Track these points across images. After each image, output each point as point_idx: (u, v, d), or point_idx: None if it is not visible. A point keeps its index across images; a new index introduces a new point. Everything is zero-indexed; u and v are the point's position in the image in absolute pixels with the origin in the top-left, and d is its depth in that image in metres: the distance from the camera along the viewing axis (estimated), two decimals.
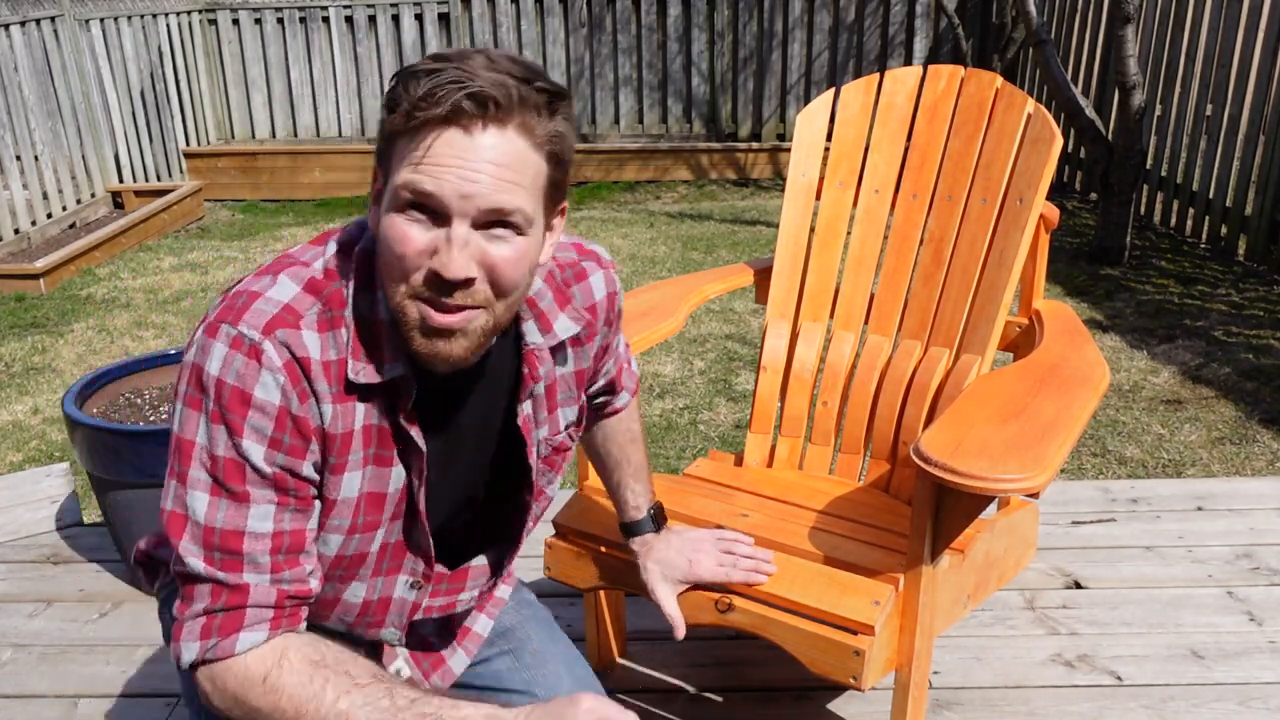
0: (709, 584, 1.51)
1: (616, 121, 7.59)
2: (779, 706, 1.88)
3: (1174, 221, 5.49)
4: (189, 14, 7.31)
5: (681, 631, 1.49)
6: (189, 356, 1.02)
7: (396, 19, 7.42)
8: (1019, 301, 1.98)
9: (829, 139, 2.06)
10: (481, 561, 1.27)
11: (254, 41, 7.51)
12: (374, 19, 7.41)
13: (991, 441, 1.38)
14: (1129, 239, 5.02)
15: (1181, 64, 5.33)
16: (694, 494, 1.79)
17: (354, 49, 7.49)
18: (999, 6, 6.90)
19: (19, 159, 5.73)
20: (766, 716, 1.86)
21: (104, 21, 6.42)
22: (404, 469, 1.10)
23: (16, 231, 5.60)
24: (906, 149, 1.99)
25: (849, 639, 1.42)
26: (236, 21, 7.47)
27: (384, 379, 1.04)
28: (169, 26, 7.07)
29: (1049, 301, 1.95)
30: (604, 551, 1.65)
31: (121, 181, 6.63)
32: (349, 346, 1.03)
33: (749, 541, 1.55)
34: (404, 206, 0.97)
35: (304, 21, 7.43)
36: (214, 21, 7.48)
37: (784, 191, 2.07)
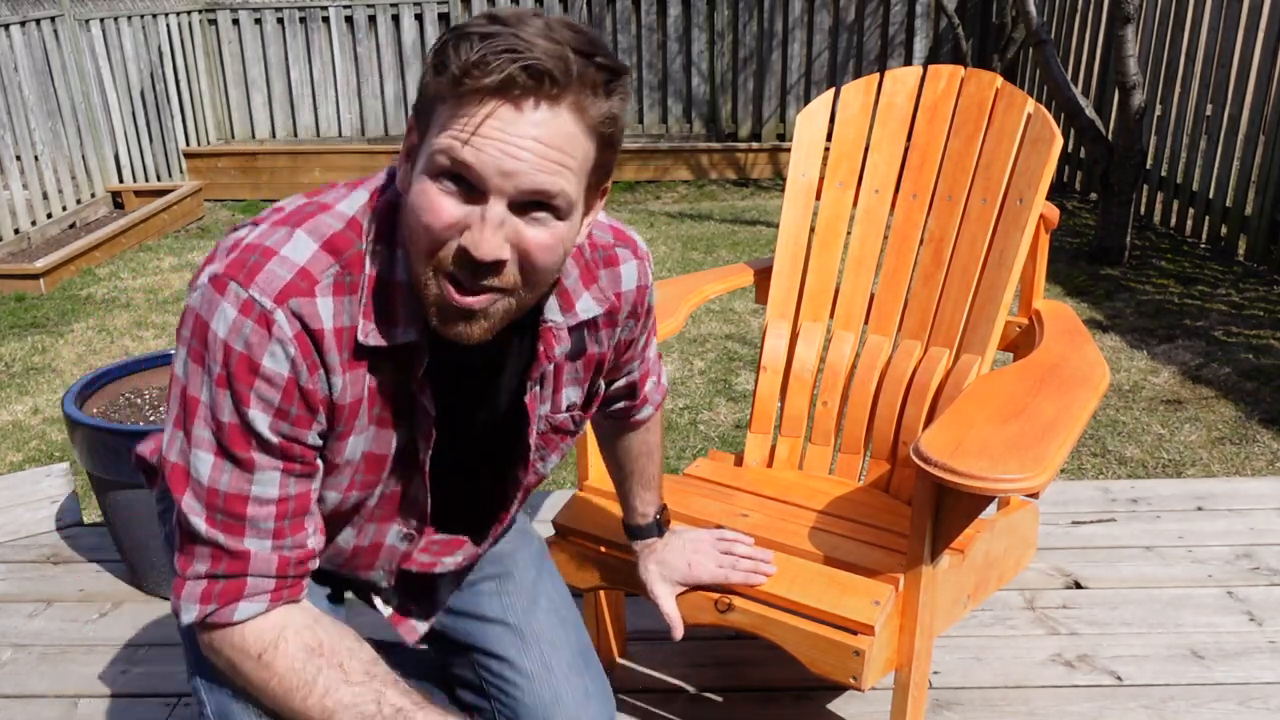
0: (709, 585, 1.51)
1: None
2: (779, 706, 1.88)
3: (1174, 221, 5.49)
4: (189, 14, 7.30)
5: (680, 632, 1.50)
6: (193, 301, 0.98)
7: (396, 19, 7.42)
8: (1019, 301, 1.98)
9: (829, 139, 2.06)
10: (467, 533, 1.27)
11: (254, 41, 7.51)
12: (374, 19, 7.41)
13: (991, 441, 1.37)
14: (1129, 239, 5.02)
15: (1181, 64, 5.32)
16: (694, 494, 1.79)
17: (354, 49, 7.50)
18: (999, 6, 6.90)
19: (19, 159, 5.73)
20: (766, 716, 1.86)
21: (104, 21, 6.42)
22: (408, 430, 1.07)
23: (16, 231, 5.60)
24: (906, 149, 1.99)
25: (849, 639, 1.42)
26: (236, 21, 7.47)
27: (393, 344, 1.00)
28: (169, 26, 7.07)
29: (1049, 301, 1.95)
30: (604, 552, 1.65)
31: (121, 181, 6.62)
32: (362, 305, 0.99)
33: (749, 541, 1.55)
34: (438, 174, 0.91)
35: (304, 21, 7.44)
36: (214, 21, 7.48)
37: (784, 191, 2.07)
